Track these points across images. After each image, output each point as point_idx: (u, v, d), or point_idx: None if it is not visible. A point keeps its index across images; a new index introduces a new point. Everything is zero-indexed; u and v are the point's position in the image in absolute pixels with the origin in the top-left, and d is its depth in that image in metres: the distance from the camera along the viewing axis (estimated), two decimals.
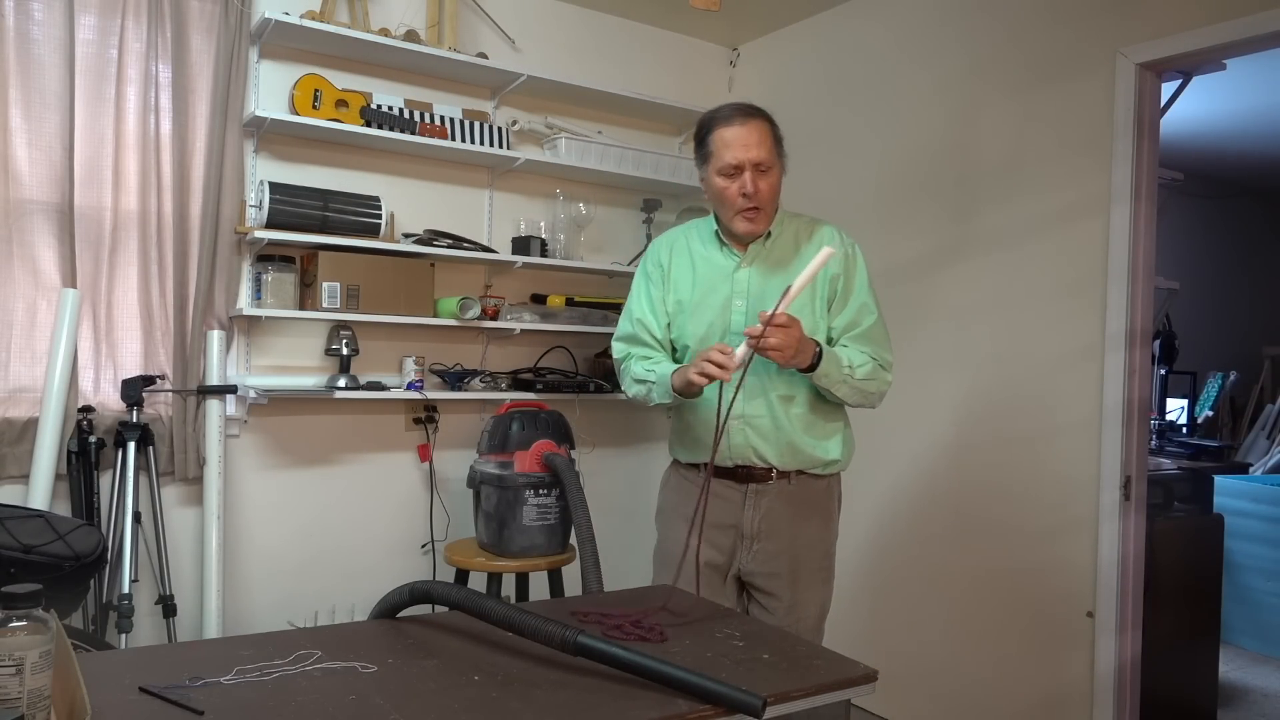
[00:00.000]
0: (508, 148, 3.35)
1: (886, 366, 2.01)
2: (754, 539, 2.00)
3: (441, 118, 3.23)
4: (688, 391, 1.90)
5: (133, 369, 2.81)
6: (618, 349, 2.17)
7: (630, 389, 2.10)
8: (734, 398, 1.87)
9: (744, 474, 2.00)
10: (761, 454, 1.98)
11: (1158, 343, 4.77)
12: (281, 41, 3.01)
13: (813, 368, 1.87)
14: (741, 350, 1.79)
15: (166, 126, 2.83)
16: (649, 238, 3.71)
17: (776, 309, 1.76)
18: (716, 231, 2.05)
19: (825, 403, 2.00)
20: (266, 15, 2.83)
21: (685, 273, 2.06)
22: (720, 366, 1.78)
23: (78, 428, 2.68)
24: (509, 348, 3.52)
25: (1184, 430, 5.32)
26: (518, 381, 3.41)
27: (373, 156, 3.22)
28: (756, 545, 2.00)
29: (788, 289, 1.78)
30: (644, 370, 2.05)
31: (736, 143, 1.90)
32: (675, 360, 2.10)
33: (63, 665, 1.11)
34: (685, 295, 2.05)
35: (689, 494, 2.03)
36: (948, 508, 3.04)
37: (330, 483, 3.19)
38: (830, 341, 2.00)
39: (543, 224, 3.51)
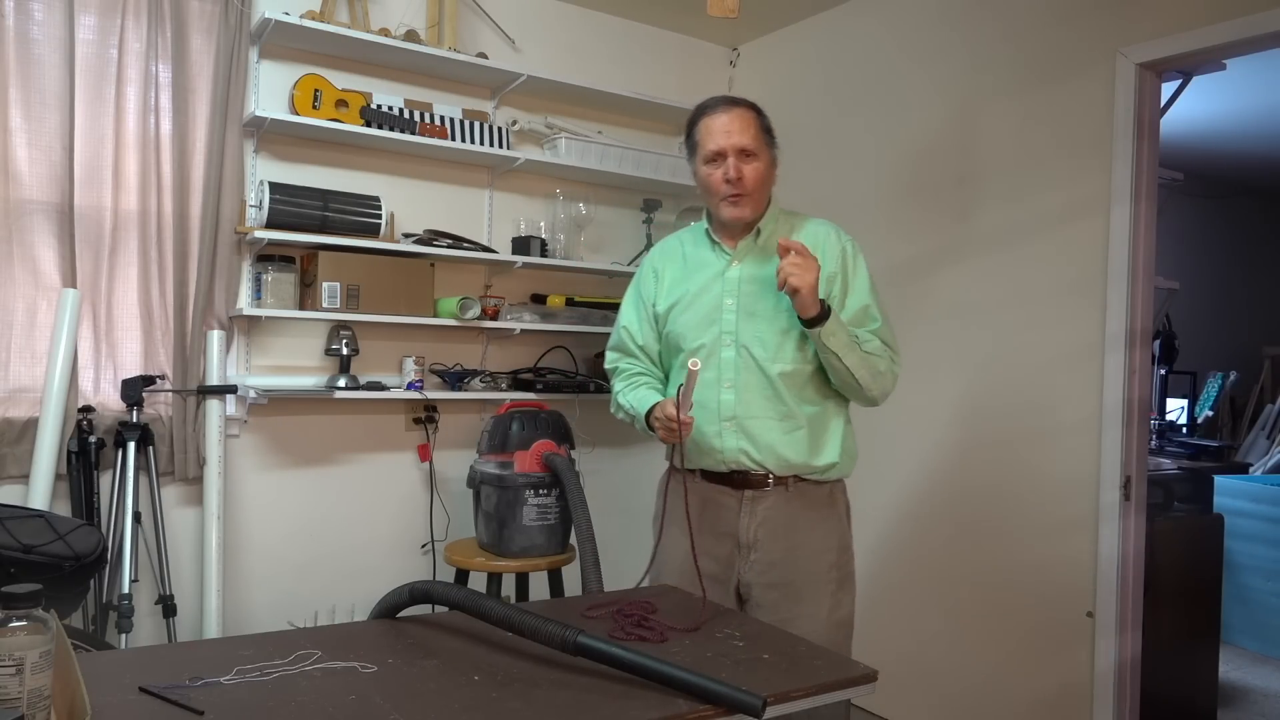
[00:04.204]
0: (508, 148, 3.35)
1: (895, 360, 1.96)
2: (751, 548, 1.93)
3: (441, 118, 3.24)
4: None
5: (133, 369, 2.81)
6: (608, 358, 2.18)
7: (617, 412, 2.10)
8: (687, 410, 1.83)
9: (740, 480, 1.94)
10: (754, 458, 1.91)
11: (1158, 343, 4.77)
12: (281, 41, 3.01)
13: (820, 320, 1.81)
14: (682, 388, 1.78)
15: (166, 126, 2.83)
16: (649, 238, 3.71)
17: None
18: (708, 230, 2.05)
19: (821, 404, 1.95)
20: (266, 15, 2.83)
21: (678, 275, 2.05)
22: (670, 426, 1.82)
23: (78, 428, 2.68)
24: (509, 348, 3.52)
25: (1184, 430, 5.33)
26: (518, 381, 3.41)
27: (373, 156, 3.22)
28: (754, 555, 1.93)
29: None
30: (626, 400, 2.05)
31: (719, 130, 1.91)
32: (664, 367, 2.10)
33: (63, 665, 1.11)
34: (678, 297, 2.02)
35: (690, 500, 1.98)
36: (947, 507, 3.04)
37: (330, 483, 3.19)
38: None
39: (543, 224, 3.51)
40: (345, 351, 3.03)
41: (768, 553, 1.92)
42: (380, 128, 3.06)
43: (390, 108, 3.14)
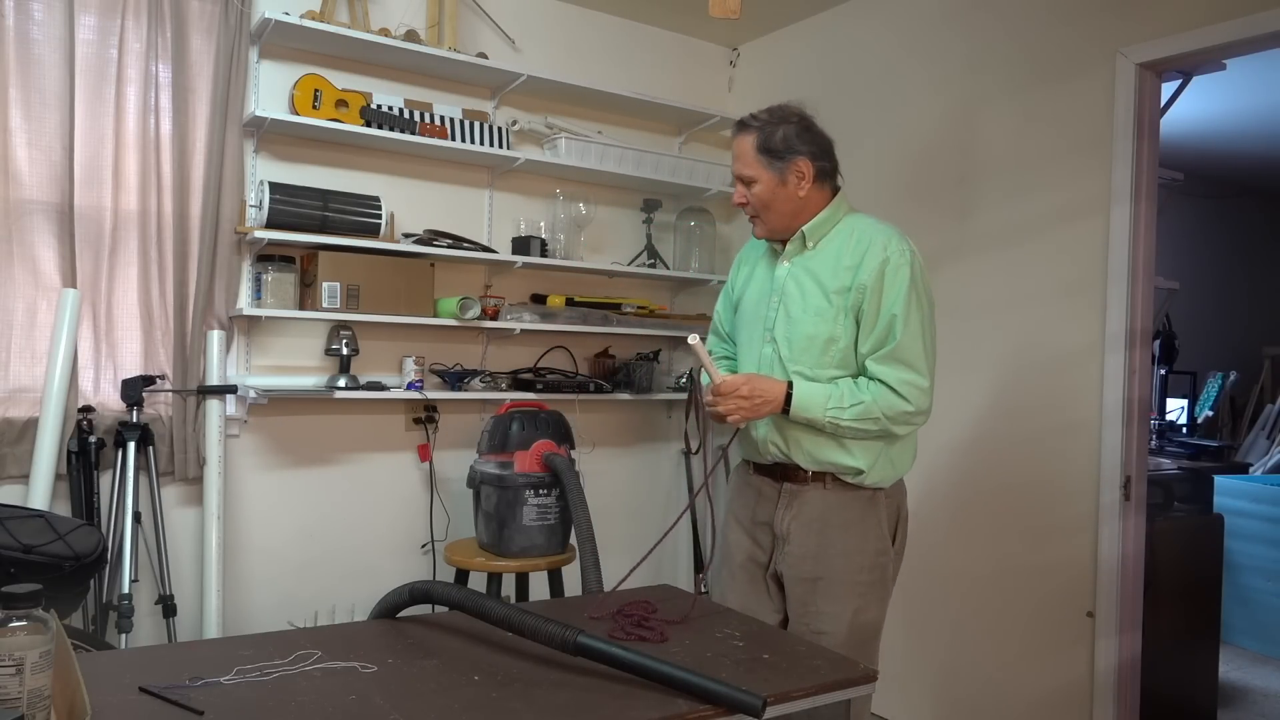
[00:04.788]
0: (508, 148, 3.35)
1: (906, 392, 1.86)
2: (785, 540, 1.97)
3: (441, 118, 3.24)
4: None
5: (133, 369, 2.81)
6: (709, 340, 2.28)
7: None
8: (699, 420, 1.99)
9: (780, 473, 1.99)
10: (783, 449, 1.95)
11: (1158, 343, 4.77)
12: (281, 41, 3.01)
13: (786, 411, 1.88)
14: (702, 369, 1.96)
15: (166, 126, 2.83)
16: (649, 238, 3.71)
17: (708, 383, 1.95)
18: None
19: None
20: (266, 15, 2.83)
21: (750, 271, 2.14)
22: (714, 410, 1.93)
23: (78, 428, 2.68)
24: (509, 348, 3.52)
25: (1184, 430, 5.33)
26: (518, 381, 3.41)
27: (373, 156, 3.22)
28: (786, 547, 1.97)
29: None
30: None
31: (733, 155, 2.00)
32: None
33: (63, 665, 1.11)
34: (745, 290, 2.13)
35: (743, 492, 2.09)
36: (948, 507, 3.04)
37: (330, 483, 3.19)
38: (860, 366, 1.92)
39: (543, 224, 3.51)
40: (345, 351, 3.03)
41: (799, 546, 1.95)
42: (380, 128, 3.06)
43: (390, 108, 3.14)
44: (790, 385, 1.88)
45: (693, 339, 1.87)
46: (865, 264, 1.89)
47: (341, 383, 3.01)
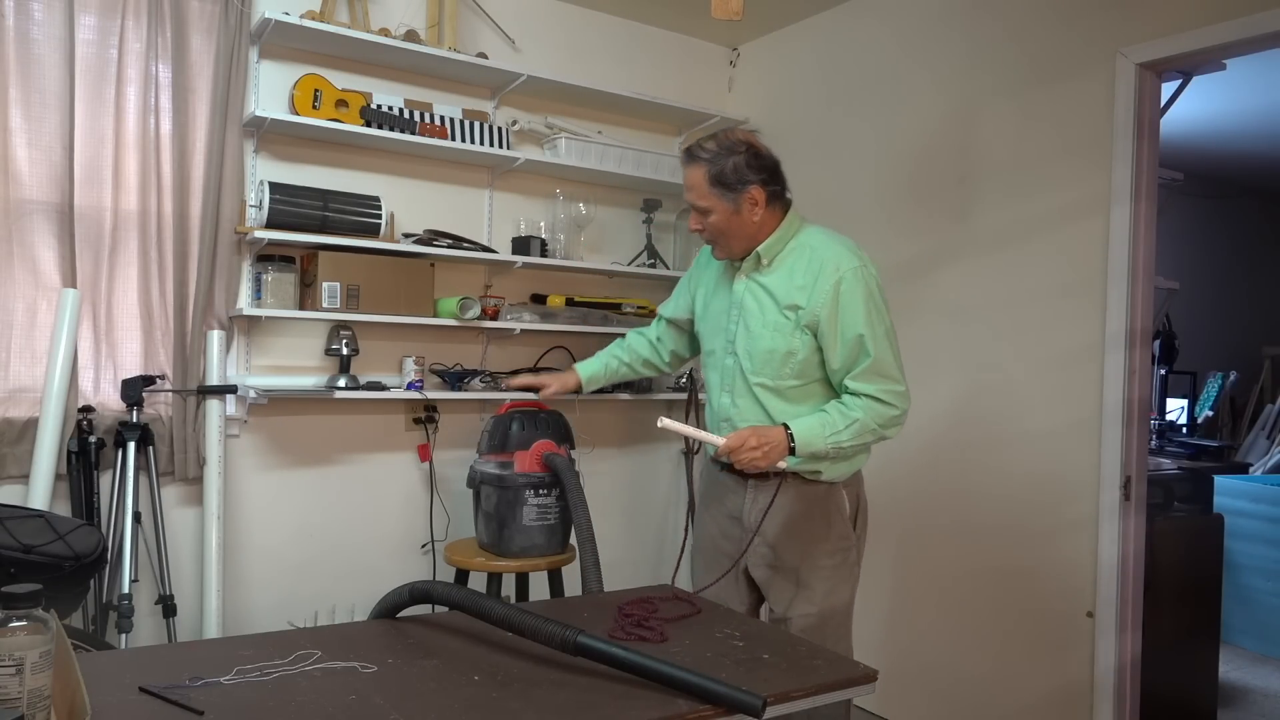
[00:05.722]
0: (508, 148, 3.35)
1: (891, 399, 1.96)
2: (753, 531, 2.08)
3: (441, 118, 3.24)
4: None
5: (133, 369, 2.81)
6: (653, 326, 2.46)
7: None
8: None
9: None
10: None
11: (1158, 343, 4.77)
12: (281, 41, 3.01)
13: (793, 454, 1.92)
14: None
15: (166, 126, 2.83)
16: (649, 238, 3.71)
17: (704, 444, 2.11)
18: None
19: (805, 404, 2.03)
20: (266, 15, 2.83)
21: (710, 279, 2.23)
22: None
23: (78, 428, 2.68)
24: (509, 348, 3.52)
25: (1184, 430, 5.32)
26: None
27: (373, 156, 3.22)
28: (755, 538, 2.09)
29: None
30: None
31: (685, 185, 2.06)
32: (675, 344, 2.41)
33: (63, 665, 1.11)
34: (706, 302, 2.22)
35: (713, 488, 2.22)
36: (947, 507, 3.04)
37: (330, 483, 3.19)
38: (838, 384, 2.01)
39: (543, 224, 3.51)
40: (345, 351, 3.03)
41: (766, 537, 2.08)
42: (380, 128, 3.06)
43: (390, 108, 3.14)
44: (787, 428, 1.92)
45: (662, 422, 1.96)
46: (819, 285, 1.97)
47: (341, 383, 3.01)
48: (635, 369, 2.44)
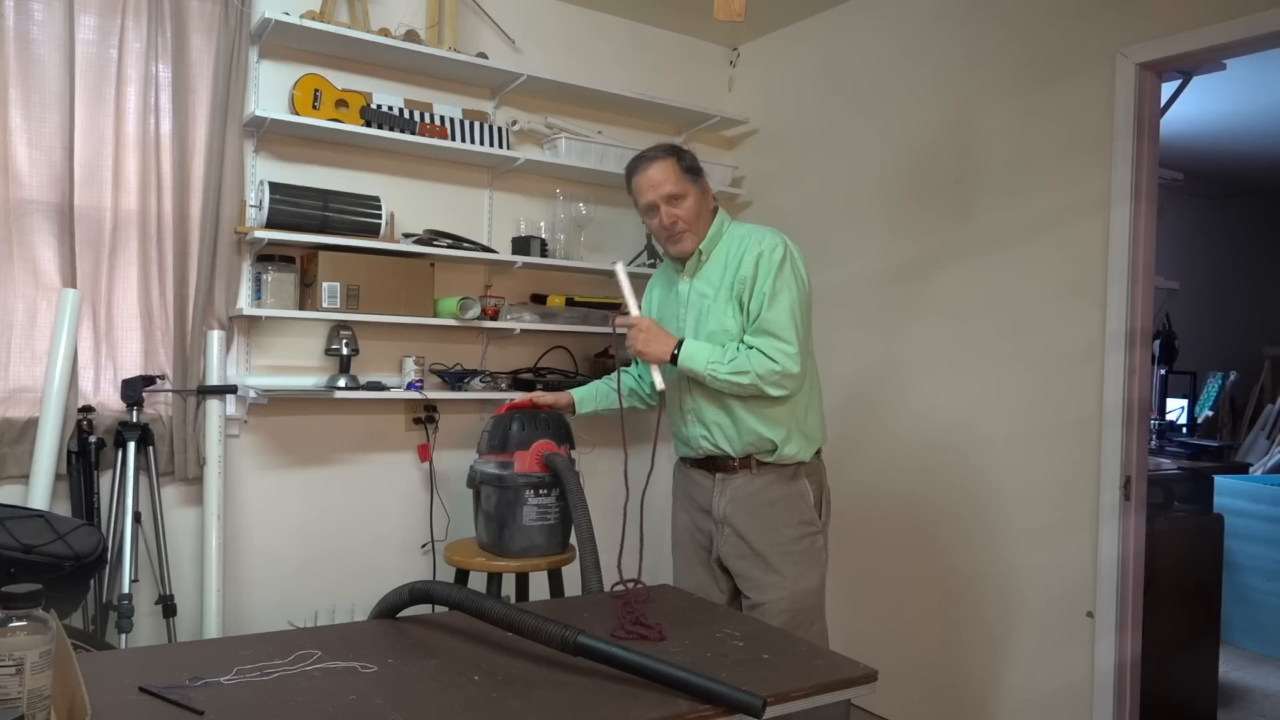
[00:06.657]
0: (508, 148, 3.35)
1: (776, 355, 2.11)
2: (722, 524, 2.26)
3: (441, 118, 3.24)
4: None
5: (133, 369, 2.81)
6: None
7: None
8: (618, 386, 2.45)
9: (712, 465, 2.29)
10: (713, 441, 2.25)
11: (1158, 343, 4.78)
12: (281, 41, 3.01)
13: (674, 361, 2.17)
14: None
15: (166, 126, 2.83)
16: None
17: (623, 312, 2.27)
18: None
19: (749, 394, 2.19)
20: (266, 15, 2.83)
21: (659, 294, 2.45)
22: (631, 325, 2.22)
23: (78, 428, 2.68)
24: (509, 348, 3.52)
25: (1184, 430, 5.32)
26: (518, 381, 3.41)
27: (373, 156, 3.22)
28: (726, 529, 2.26)
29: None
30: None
31: (646, 186, 2.24)
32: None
33: (63, 665, 1.11)
34: (657, 313, 2.42)
35: (684, 486, 2.42)
36: (947, 507, 3.04)
37: (330, 483, 3.19)
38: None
39: (543, 224, 3.51)
40: (345, 351, 3.03)
41: (736, 527, 2.24)
42: (380, 128, 3.06)
43: (390, 108, 3.14)
44: (681, 341, 2.18)
45: (617, 265, 2.25)
46: (745, 260, 2.19)
47: (341, 383, 3.01)
48: (623, 396, 2.55)
